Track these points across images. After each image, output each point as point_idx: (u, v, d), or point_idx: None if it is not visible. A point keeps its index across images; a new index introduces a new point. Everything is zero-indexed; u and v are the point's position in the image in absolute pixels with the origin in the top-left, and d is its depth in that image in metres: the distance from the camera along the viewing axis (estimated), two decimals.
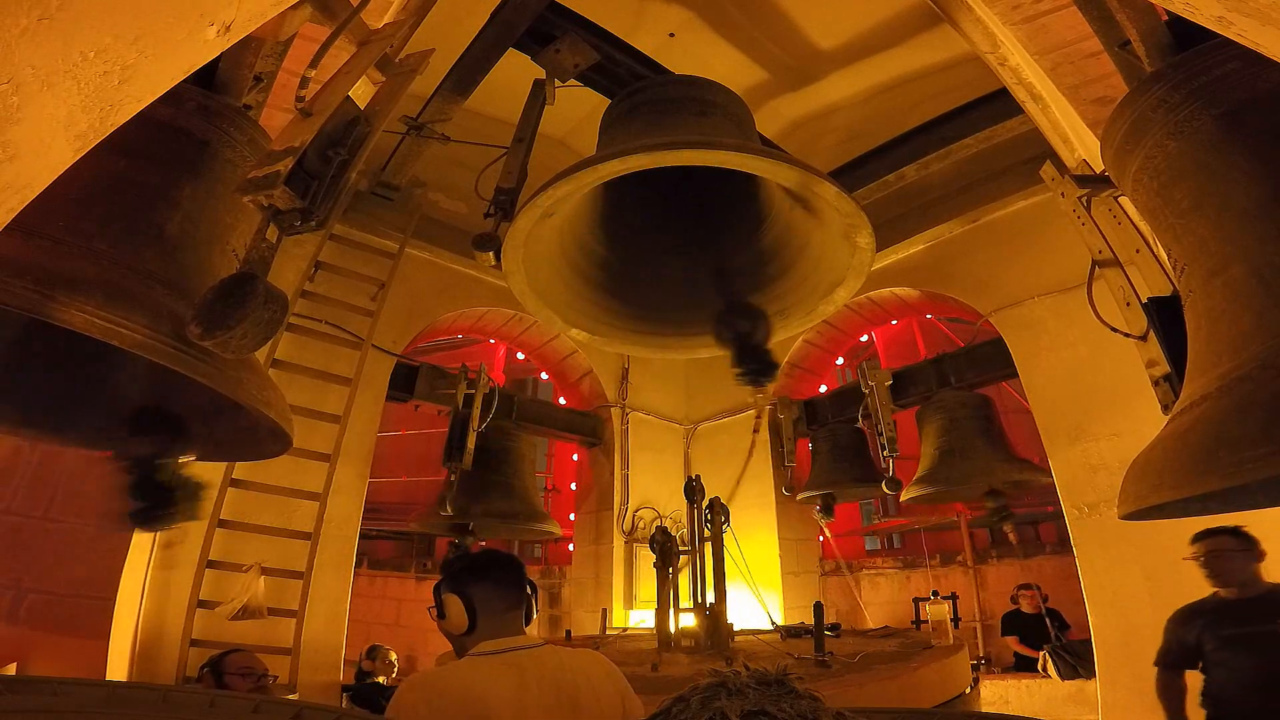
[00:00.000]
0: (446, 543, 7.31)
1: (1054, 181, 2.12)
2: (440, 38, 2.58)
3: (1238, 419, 1.06)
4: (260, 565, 3.23)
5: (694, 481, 3.12)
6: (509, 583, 1.65)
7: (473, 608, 1.56)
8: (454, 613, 1.57)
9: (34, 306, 1.13)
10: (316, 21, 1.56)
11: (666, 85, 2.40)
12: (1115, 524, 2.21)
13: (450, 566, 1.68)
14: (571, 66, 3.22)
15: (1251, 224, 1.21)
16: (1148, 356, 1.79)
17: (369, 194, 4.32)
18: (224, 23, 0.92)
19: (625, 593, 5.29)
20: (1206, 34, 1.01)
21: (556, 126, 4.56)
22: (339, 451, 3.60)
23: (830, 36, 4.09)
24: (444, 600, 1.59)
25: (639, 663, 2.29)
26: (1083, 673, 4.41)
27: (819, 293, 1.98)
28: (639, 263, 2.26)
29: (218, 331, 1.17)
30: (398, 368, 4.41)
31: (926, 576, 6.31)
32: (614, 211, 2.21)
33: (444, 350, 7.51)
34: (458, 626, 1.57)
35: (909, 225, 4.78)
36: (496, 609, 1.59)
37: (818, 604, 2.41)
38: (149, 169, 1.47)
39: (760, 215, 2.21)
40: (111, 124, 0.89)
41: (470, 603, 1.56)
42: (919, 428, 4.47)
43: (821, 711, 0.55)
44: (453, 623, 1.58)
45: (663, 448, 5.94)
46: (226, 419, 1.64)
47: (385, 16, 2.30)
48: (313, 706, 1.00)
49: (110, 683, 1.69)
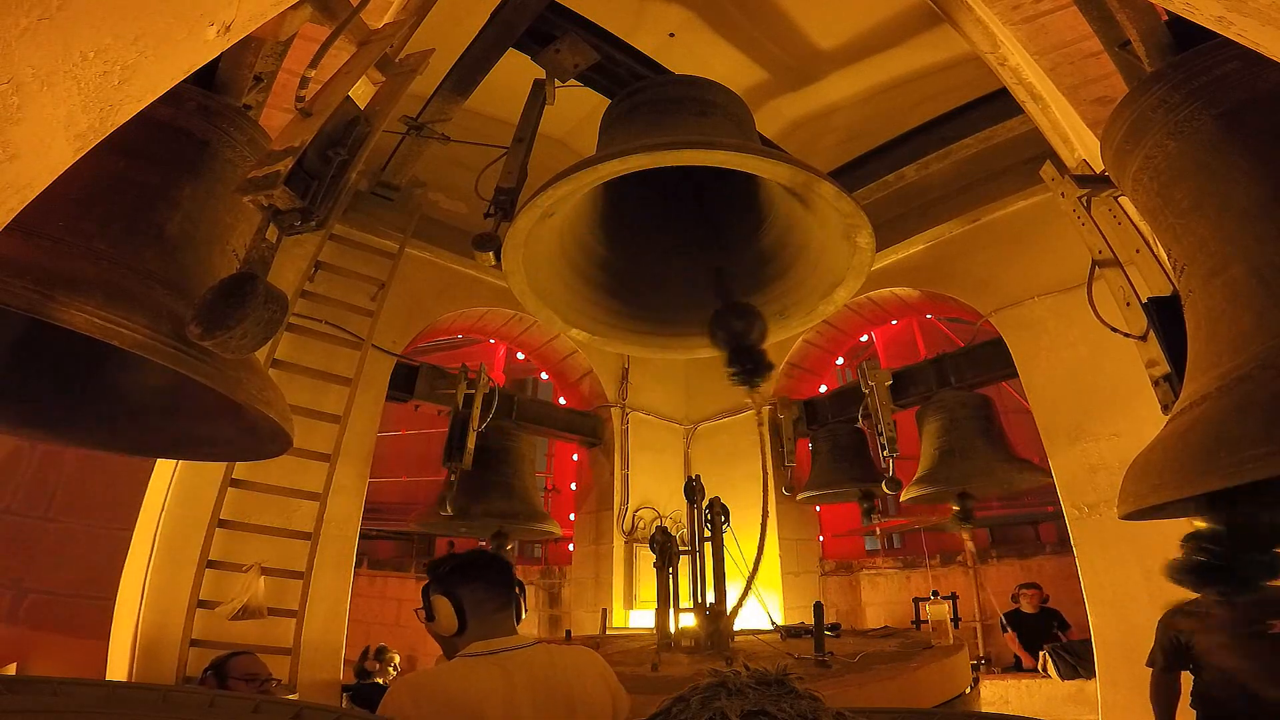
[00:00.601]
0: (446, 543, 7.33)
1: (1054, 181, 2.12)
2: (440, 38, 2.58)
3: (1238, 419, 1.06)
4: (260, 565, 3.23)
5: (694, 481, 3.12)
6: (498, 583, 1.64)
7: (462, 609, 1.56)
8: (443, 614, 1.56)
9: (34, 306, 1.13)
10: (316, 21, 1.56)
11: (666, 85, 2.40)
12: (1115, 524, 2.20)
13: (438, 568, 1.67)
14: (571, 66, 3.22)
15: (1251, 224, 1.21)
16: (1148, 356, 1.79)
17: (369, 194, 4.32)
18: (224, 23, 0.92)
19: (625, 593, 5.29)
20: (1206, 34, 1.01)
21: (556, 126, 4.56)
22: (339, 451, 3.60)
23: (830, 36, 4.09)
24: (433, 602, 1.59)
25: (639, 663, 2.29)
26: (1083, 673, 4.42)
27: (819, 293, 1.98)
28: (639, 262, 2.26)
29: (218, 331, 1.17)
30: (398, 368, 4.41)
31: (926, 576, 6.32)
32: (614, 211, 2.21)
33: (444, 350, 7.51)
34: (447, 628, 1.57)
35: (909, 225, 4.78)
36: (486, 610, 1.58)
37: (818, 604, 2.41)
38: (149, 169, 1.47)
39: (760, 215, 2.21)
40: (111, 124, 0.89)
41: (460, 604, 1.56)
42: (919, 428, 4.47)
43: (821, 711, 0.55)
44: (442, 624, 1.57)
45: (663, 448, 5.94)
46: (226, 419, 1.64)
47: (385, 16, 2.30)
48: (313, 706, 1.00)
49: (110, 683, 1.69)
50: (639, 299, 2.23)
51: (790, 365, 5.84)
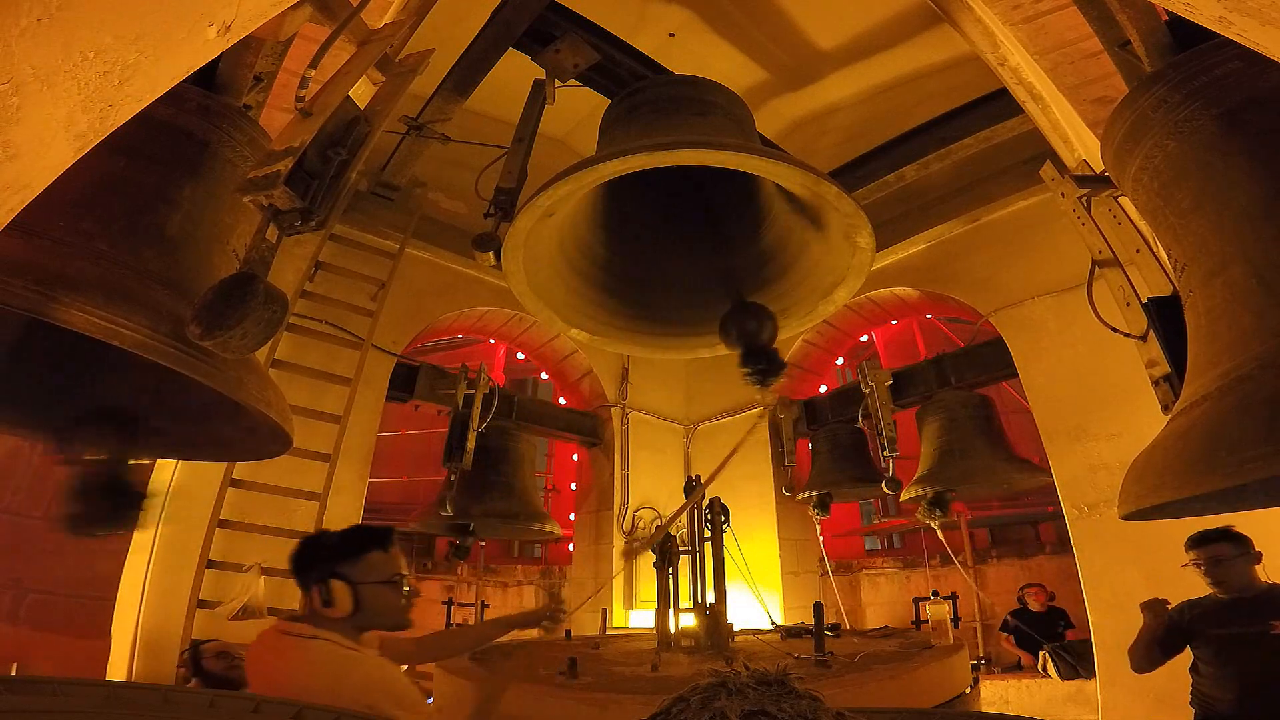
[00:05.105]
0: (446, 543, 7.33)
1: (1054, 181, 2.13)
2: (440, 38, 2.59)
3: (1238, 419, 1.06)
4: (260, 565, 3.22)
5: (694, 481, 3.12)
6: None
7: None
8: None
9: (34, 306, 1.13)
10: (316, 21, 1.56)
11: (666, 85, 2.40)
12: (1115, 524, 2.20)
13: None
14: (571, 66, 3.22)
15: (1251, 224, 1.21)
16: (1148, 356, 1.79)
17: (369, 194, 4.32)
18: (224, 23, 0.92)
19: (625, 593, 5.29)
20: (1206, 34, 1.01)
21: (556, 126, 4.57)
22: (339, 451, 3.60)
23: (830, 36, 4.09)
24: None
25: (639, 663, 2.29)
26: (1083, 673, 4.42)
27: (819, 293, 1.98)
28: (639, 262, 2.26)
29: (218, 331, 1.17)
30: (398, 368, 4.41)
31: (926, 576, 6.32)
32: (614, 211, 2.21)
33: (444, 350, 7.50)
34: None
35: (909, 225, 4.78)
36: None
37: (818, 604, 2.40)
38: (149, 169, 1.47)
39: (760, 215, 2.21)
40: (111, 124, 0.89)
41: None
42: (919, 428, 4.47)
43: (821, 711, 0.55)
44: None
45: (663, 448, 5.93)
46: (226, 419, 1.64)
47: (385, 16, 2.30)
48: (313, 707, 1.00)
49: (110, 683, 1.69)
50: (639, 299, 2.23)
51: (790, 365, 5.83)
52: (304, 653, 1.40)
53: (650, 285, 2.26)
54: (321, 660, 1.39)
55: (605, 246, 2.20)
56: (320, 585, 1.44)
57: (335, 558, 1.49)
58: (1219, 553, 2.44)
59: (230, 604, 3.12)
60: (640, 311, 2.23)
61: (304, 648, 1.41)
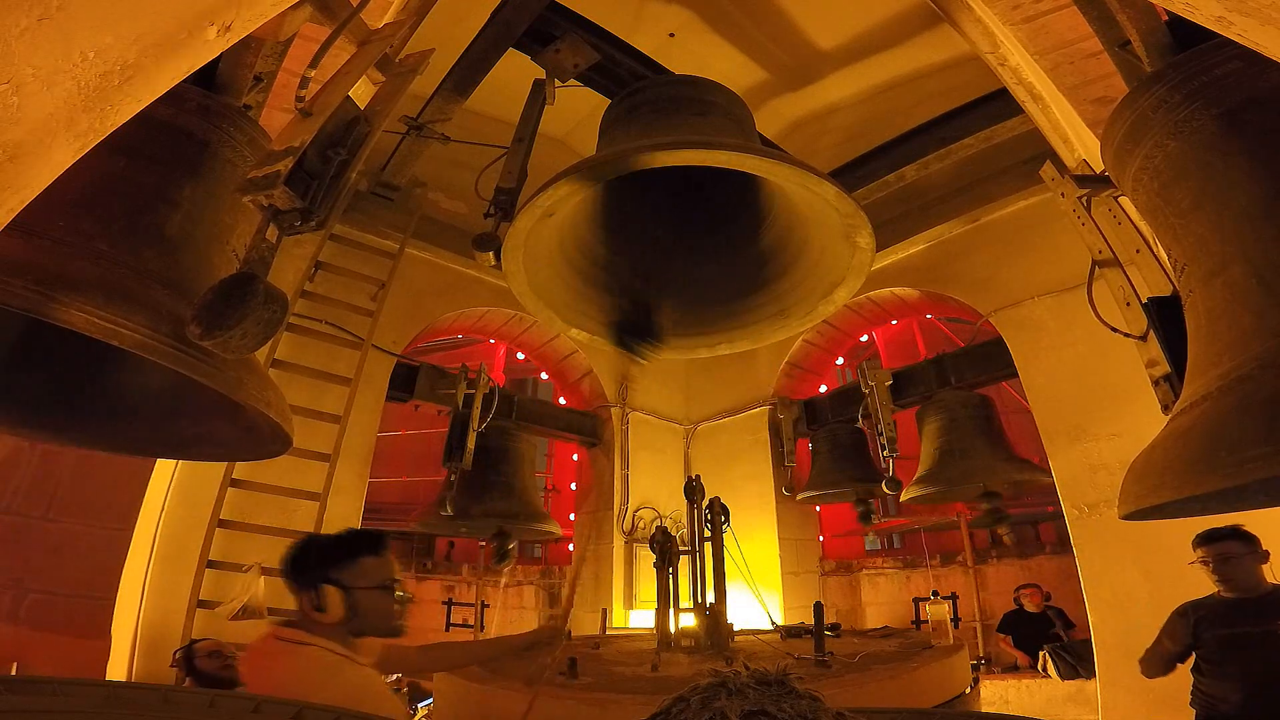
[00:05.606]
0: (446, 543, 7.33)
1: (1054, 181, 2.12)
2: (440, 38, 2.58)
3: (1238, 419, 1.06)
4: (260, 565, 3.22)
5: (694, 481, 3.12)
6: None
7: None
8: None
9: (34, 306, 1.13)
10: (316, 21, 1.56)
11: (666, 85, 2.40)
12: (1115, 524, 2.20)
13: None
14: (571, 66, 3.22)
15: (1251, 224, 1.21)
16: (1148, 356, 1.79)
17: (369, 194, 4.32)
18: (224, 23, 0.92)
19: (625, 593, 5.29)
20: (1206, 34, 1.01)
21: (556, 126, 4.56)
22: (339, 451, 3.60)
23: (830, 36, 4.09)
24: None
25: (639, 663, 2.29)
26: (1083, 673, 4.42)
27: (819, 293, 1.97)
28: (639, 262, 2.26)
29: (218, 331, 1.17)
30: (398, 368, 4.41)
31: (926, 576, 6.32)
32: (614, 211, 2.20)
33: (444, 350, 7.50)
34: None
35: (909, 225, 4.78)
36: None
37: (818, 604, 2.40)
38: (149, 169, 1.47)
39: (760, 215, 2.21)
40: (111, 124, 0.89)
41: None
42: (919, 428, 4.47)
43: (821, 711, 0.55)
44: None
45: (663, 448, 5.94)
46: (226, 419, 1.64)
47: (385, 16, 2.30)
48: (313, 707, 1.00)
49: (110, 683, 1.69)
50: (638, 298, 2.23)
51: (790, 365, 5.84)
52: (294, 659, 1.41)
53: (650, 285, 2.26)
54: (308, 667, 1.40)
55: (605, 246, 2.20)
56: (313, 590, 1.44)
57: (328, 563, 1.49)
58: (1228, 550, 2.44)
59: (230, 604, 3.12)
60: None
61: (294, 654, 1.41)
